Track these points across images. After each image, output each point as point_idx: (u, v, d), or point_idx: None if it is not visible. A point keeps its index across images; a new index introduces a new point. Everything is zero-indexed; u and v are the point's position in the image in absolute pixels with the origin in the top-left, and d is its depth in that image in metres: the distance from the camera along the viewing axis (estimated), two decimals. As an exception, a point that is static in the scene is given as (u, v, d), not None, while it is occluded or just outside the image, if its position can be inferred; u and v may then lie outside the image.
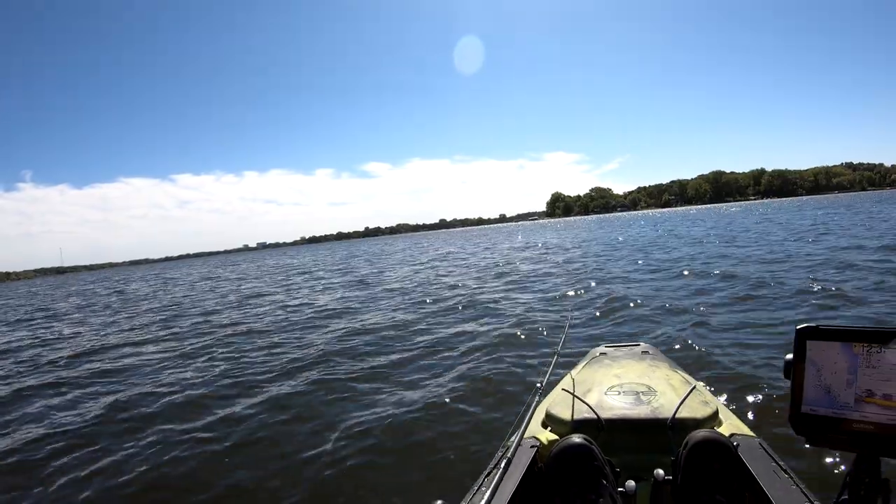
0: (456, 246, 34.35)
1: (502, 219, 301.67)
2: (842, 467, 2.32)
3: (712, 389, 2.71)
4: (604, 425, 1.60)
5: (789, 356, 0.99)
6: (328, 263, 28.77)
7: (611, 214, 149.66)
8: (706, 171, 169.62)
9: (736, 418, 1.76)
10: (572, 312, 5.29)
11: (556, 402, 1.79)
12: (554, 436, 1.63)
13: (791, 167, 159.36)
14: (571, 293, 8.36)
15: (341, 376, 4.74)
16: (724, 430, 1.55)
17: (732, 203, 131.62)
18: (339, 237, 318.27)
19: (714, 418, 1.62)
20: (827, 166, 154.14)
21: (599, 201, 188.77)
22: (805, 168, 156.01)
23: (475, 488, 1.39)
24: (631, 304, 6.66)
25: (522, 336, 5.58)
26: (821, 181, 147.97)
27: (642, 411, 1.64)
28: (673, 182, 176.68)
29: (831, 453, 2.36)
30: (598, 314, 6.40)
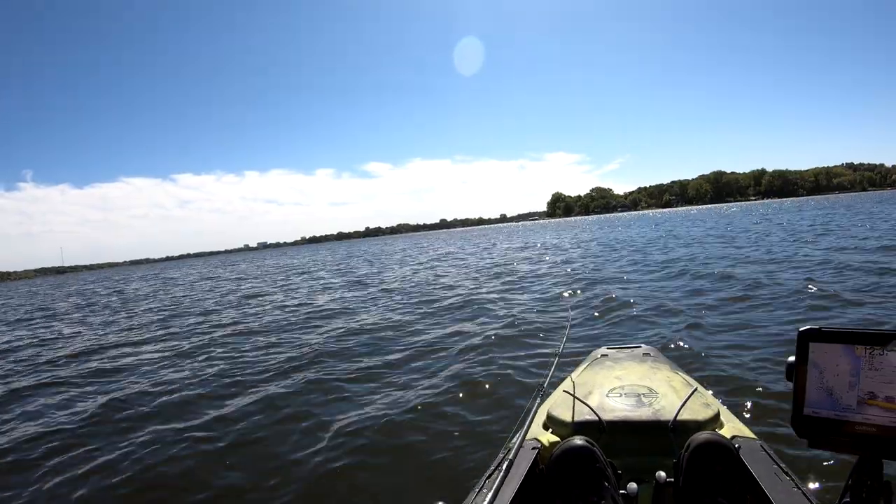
0: (456, 246, 34.35)
1: (503, 219, 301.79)
2: (844, 470, 2.31)
3: (713, 391, 2.71)
4: (605, 427, 1.60)
5: (791, 358, 0.99)
6: (328, 263, 28.78)
7: (611, 215, 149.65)
8: (707, 172, 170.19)
9: (737, 420, 1.76)
10: (571, 313, 5.27)
11: (558, 404, 1.79)
12: (555, 438, 1.63)
13: (792, 167, 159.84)
14: (570, 294, 8.35)
15: (337, 376, 4.74)
16: (726, 433, 1.54)
17: (733, 203, 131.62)
18: (340, 237, 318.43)
19: (715, 420, 1.62)
20: (827, 167, 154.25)
21: (600, 202, 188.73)
22: (806, 168, 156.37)
23: (476, 490, 1.39)
24: (629, 306, 6.65)
25: (520, 337, 5.56)
26: (821, 181, 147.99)
27: (644, 413, 1.64)
28: (674, 182, 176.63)
29: (833, 456, 2.35)
30: (597, 314, 6.40)
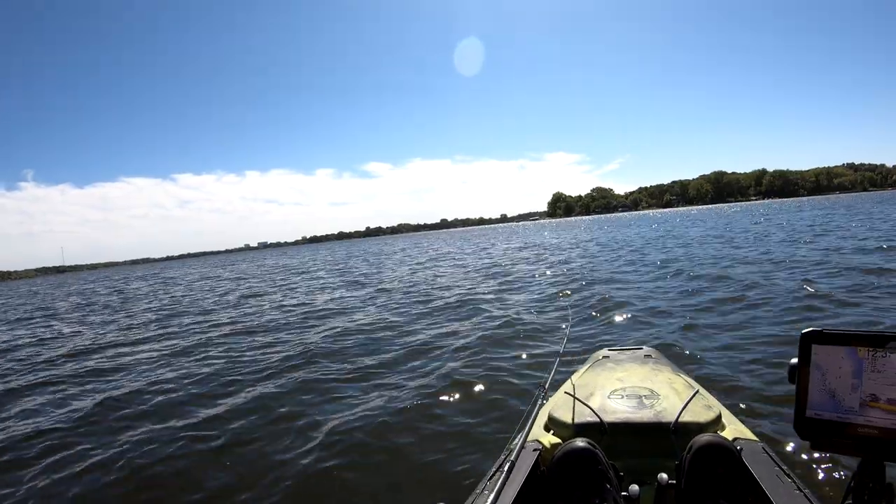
0: (455, 246, 34.32)
1: (503, 219, 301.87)
2: (846, 472, 2.30)
3: (715, 393, 2.70)
4: (607, 429, 1.59)
5: (794, 360, 0.99)
6: (327, 263, 28.77)
7: (612, 215, 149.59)
8: (707, 172, 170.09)
9: (739, 422, 1.75)
10: (571, 314, 5.27)
11: (559, 406, 1.78)
12: (557, 439, 1.63)
13: (792, 167, 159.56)
14: (567, 294, 8.31)
15: (332, 376, 4.73)
16: (728, 435, 1.54)
17: (734, 203, 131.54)
18: (340, 237, 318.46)
19: (717, 422, 1.61)
20: (828, 167, 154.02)
21: (600, 201, 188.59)
22: (806, 168, 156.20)
23: (478, 491, 1.39)
24: (628, 306, 6.63)
25: (518, 338, 5.53)
26: (822, 182, 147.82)
27: (645, 415, 1.63)
28: (674, 182, 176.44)
29: (835, 458, 2.34)
30: (596, 314, 6.39)
